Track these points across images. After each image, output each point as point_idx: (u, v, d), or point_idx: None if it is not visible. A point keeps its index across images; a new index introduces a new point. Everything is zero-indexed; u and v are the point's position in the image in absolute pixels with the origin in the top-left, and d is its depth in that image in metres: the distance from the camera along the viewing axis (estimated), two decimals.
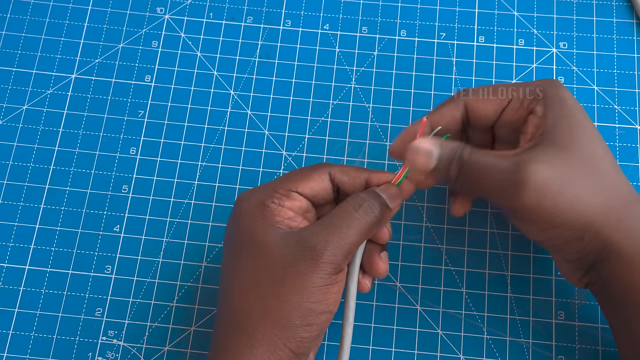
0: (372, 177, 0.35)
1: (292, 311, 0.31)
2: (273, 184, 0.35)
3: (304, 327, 0.32)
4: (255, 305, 0.32)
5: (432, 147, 0.34)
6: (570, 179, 0.32)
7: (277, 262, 0.32)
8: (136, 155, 0.45)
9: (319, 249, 0.32)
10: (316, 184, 0.35)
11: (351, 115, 0.45)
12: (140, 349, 0.41)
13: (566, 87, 0.36)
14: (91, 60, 0.47)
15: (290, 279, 0.31)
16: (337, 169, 0.35)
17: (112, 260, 0.42)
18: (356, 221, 0.33)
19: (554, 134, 0.33)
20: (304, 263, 0.31)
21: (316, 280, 0.31)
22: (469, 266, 0.42)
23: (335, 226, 0.32)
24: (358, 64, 0.47)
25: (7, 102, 0.46)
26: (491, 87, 0.36)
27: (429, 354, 0.40)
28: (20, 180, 0.44)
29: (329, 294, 0.32)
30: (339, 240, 0.32)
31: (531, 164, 0.32)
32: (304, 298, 0.31)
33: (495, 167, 0.33)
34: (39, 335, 0.41)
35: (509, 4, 0.48)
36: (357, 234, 0.33)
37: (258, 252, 0.32)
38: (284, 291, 0.31)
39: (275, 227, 0.33)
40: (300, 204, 0.34)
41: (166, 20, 0.48)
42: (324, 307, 0.32)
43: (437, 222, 0.43)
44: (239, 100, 0.46)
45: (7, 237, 0.43)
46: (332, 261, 0.32)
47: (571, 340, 0.40)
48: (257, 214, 0.33)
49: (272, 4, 0.48)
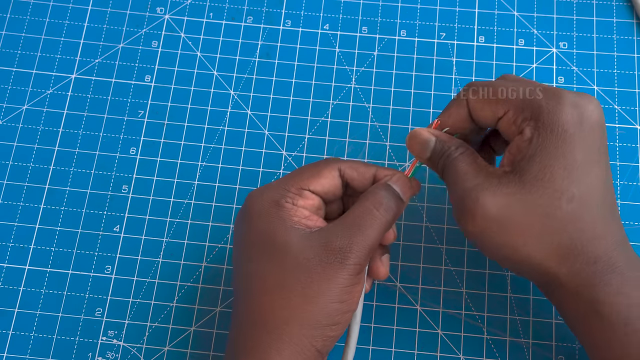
0: (380, 172, 0.35)
1: (319, 312, 0.31)
2: (284, 182, 0.34)
3: (331, 327, 0.32)
4: (282, 307, 0.32)
5: (430, 137, 0.35)
6: (520, 220, 0.32)
7: (303, 265, 0.32)
8: (136, 155, 0.45)
9: (344, 251, 0.32)
10: (327, 181, 0.35)
11: (351, 115, 0.45)
12: (140, 349, 0.41)
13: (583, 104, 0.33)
14: (91, 60, 0.47)
15: (317, 282, 0.31)
16: (346, 164, 0.35)
17: (112, 260, 0.42)
18: (378, 221, 0.33)
19: (528, 165, 0.32)
20: (330, 266, 0.31)
21: (342, 282, 0.32)
22: (469, 266, 0.42)
23: (358, 227, 0.32)
24: (358, 64, 0.47)
25: (7, 102, 0.46)
26: (492, 86, 0.35)
27: (429, 354, 0.40)
28: (20, 180, 0.44)
29: (353, 293, 0.32)
30: (363, 241, 0.32)
31: (488, 194, 0.32)
32: (331, 299, 0.31)
33: (461, 180, 0.33)
34: (39, 335, 0.41)
35: (509, 4, 0.48)
36: (379, 233, 0.33)
37: (281, 254, 0.32)
38: (311, 293, 0.31)
39: (295, 228, 0.33)
40: (313, 202, 0.34)
41: (166, 20, 0.48)
42: (348, 307, 0.32)
43: (437, 222, 0.43)
44: (239, 100, 0.46)
45: (7, 237, 0.43)
46: (357, 262, 0.32)
47: (571, 340, 0.40)
48: (272, 214, 0.33)
49: (272, 4, 0.48)
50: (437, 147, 0.35)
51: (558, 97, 0.33)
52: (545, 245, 0.32)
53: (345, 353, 0.35)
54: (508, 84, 0.35)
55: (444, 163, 0.34)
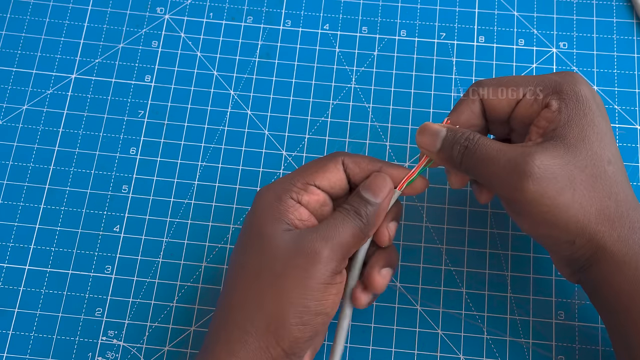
0: (385, 171, 0.35)
1: (289, 308, 0.31)
2: (291, 177, 0.35)
3: (299, 327, 0.32)
4: (253, 299, 0.32)
5: (440, 128, 0.35)
6: (573, 180, 0.32)
7: (280, 255, 0.32)
8: (136, 155, 0.45)
9: (318, 247, 0.32)
10: (332, 174, 0.35)
11: (351, 115, 0.45)
12: (140, 349, 0.41)
13: (587, 82, 0.35)
14: (91, 60, 0.47)
15: (291, 274, 0.32)
16: (350, 158, 0.35)
17: (112, 260, 0.42)
18: (350, 224, 0.33)
19: (565, 131, 0.33)
20: (305, 259, 0.32)
21: (316, 277, 0.32)
22: (469, 266, 0.42)
23: (333, 228, 0.33)
24: (358, 64, 0.47)
25: (7, 102, 0.46)
26: (504, 82, 0.36)
27: (429, 354, 0.40)
28: (20, 180, 0.44)
29: (327, 294, 0.32)
30: (337, 238, 0.32)
31: (538, 157, 0.32)
32: (302, 295, 0.31)
33: (501, 153, 0.33)
34: (39, 335, 0.41)
35: (509, 4, 0.48)
36: (352, 236, 0.33)
37: (265, 244, 0.33)
38: (284, 285, 0.32)
39: (285, 223, 0.33)
40: (318, 198, 0.35)
41: (166, 20, 0.48)
42: (321, 308, 0.32)
43: (437, 222, 0.43)
44: (239, 100, 0.46)
45: (7, 237, 0.43)
46: (332, 258, 0.32)
47: (571, 340, 0.40)
48: (271, 208, 0.34)
49: (272, 4, 0.48)
50: (449, 136, 0.35)
51: (569, 75, 0.35)
52: (595, 207, 0.32)
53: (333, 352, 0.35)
54: (521, 78, 0.36)
55: (463, 149, 0.34)
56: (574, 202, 0.32)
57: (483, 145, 0.34)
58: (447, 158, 0.35)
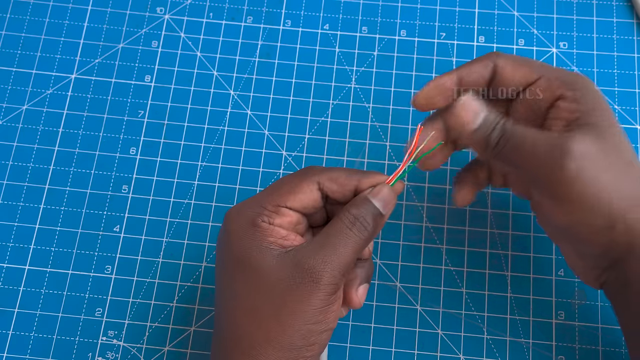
0: (363, 182, 0.34)
1: (294, 334, 0.31)
2: (260, 199, 0.33)
3: (307, 347, 0.31)
4: (257, 329, 0.31)
5: (480, 108, 0.34)
6: (611, 163, 0.32)
7: (276, 286, 0.31)
8: (136, 155, 0.45)
9: (317, 271, 0.31)
10: (305, 196, 0.33)
11: (351, 115, 0.45)
12: (140, 349, 0.41)
13: None
14: (91, 60, 0.47)
15: (290, 304, 0.31)
16: (325, 177, 0.34)
17: (112, 260, 0.42)
18: (352, 240, 0.32)
19: (592, 119, 0.32)
20: (304, 287, 0.31)
21: (316, 303, 0.31)
22: (469, 266, 0.42)
23: (332, 246, 0.32)
24: (358, 64, 0.47)
25: (7, 102, 0.46)
26: (523, 60, 0.35)
27: (429, 354, 0.40)
28: (20, 180, 0.44)
29: (329, 313, 0.32)
30: (336, 260, 0.31)
31: (577, 139, 0.31)
32: (305, 320, 0.31)
33: (538, 135, 0.32)
34: (39, 335, 0.41)
35: (509, 4, 0.48)
36: (353, 252, 0.32)
37: (255, 276, 0.32)
38: (285, 316, 0.31)
39: (269, 249, 0.32)
40: (291, 219, 0.33)
41: (166, 20, 0.48)
42: (325, 326, 0.32)
43: (437, 222, 0.43)
44: (239, 100, 0.46)
45: (7, 237, 0.43)
46: (332, 282, 0.31)
47: (571, 340, 0.40)
48: (248, 235, 0.32)
49: (272, 4, 0.48)
50: (490, 117, 0.34)
51: (575, 72, 0.35)
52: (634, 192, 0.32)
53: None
54: (541, 63, 0.36)
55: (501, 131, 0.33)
56: (615, 184, 0.31)
57: (520, 128, 0.33)
58: (481, 139, 0.34)
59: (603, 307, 0.41)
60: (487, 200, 0.43)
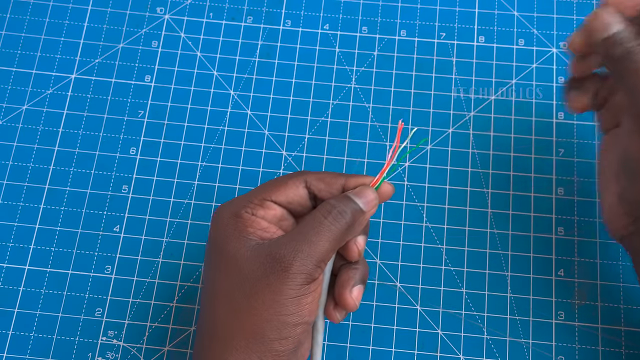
0: (350, 181, 0.34)
1: (265, 325, 0.31)
2: (249, 194, 0.34)
3: (279, 341, 0.31)
4: (232, 318, 0.31)
5: (616, 21, 0.34)
6: None
7: (248, 275, 0.31)
8: (136, 155, 0.45)
9: (287, 260, 0.31)
10: (291, 190, 0.34)
11: (351, 115, 0.45)
12: (140, 349, 0.41)
13: None
14: (91, 60, 0.47)
15: (261, 293, 0.31)
16: (313, 176, 0.35)
17: (112, 260, 0.42)
18: (325, 228, 0.32)
19: None
20: (274, 276, 0.31)
21: (287, 292, 0.31)
22: (469, 266, 0.42)
23: (304, 235, 0.32)
24: (358, 64, 0.47)
25: (7, 102, 0.46)
26: None
27: (429, 354, 0.40)
28: (20, 180, 0.44)
29: (302, 305, 0.31)
30: (307, 249, 0.31)
31: None
32: (277, 311, 0.31)
33: None
34: (39, 335, 0.41)
35: (509, 4, 0.48)
36: (327, 241, 0.32)
37: (231, 265, 0.32)
38: (256, 305, 0.31)
39: (247, 239, 0.32)
40: (275, 212, 0.34)
41: (166, 20, 0.48)
42: (299, 319, 0.31)
43: (437, 222, 0.43)
44: (239, 100, 0.46)
45: (7, 237, 0.43)
46: (303, 271, 0.31)
47: (571, 340, 0.40)
48: (229, 225, 0.33)
49: (272, 4, 0.48)
50: (625, 32, 0.33)
51: None
52: None
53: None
54: None
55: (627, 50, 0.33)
56: None
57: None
58: (606, 51, 0.34)
59: (603, 307, 0.41)
60: (487, 200, 0.43)
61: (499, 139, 0.45)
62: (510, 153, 0.44)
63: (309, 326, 0.33)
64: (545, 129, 0.45)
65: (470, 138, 0.45)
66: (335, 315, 0.35)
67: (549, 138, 0.44)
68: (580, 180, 0.44)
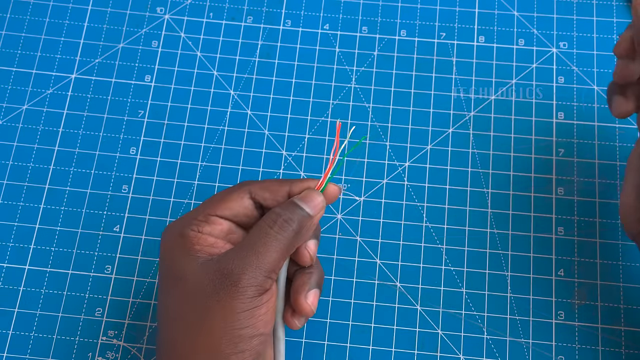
0: (294, 187, 0.34)
1: (219, 340, 0.30)
2: (194, 211, 0.34)
3: (236, 355, 0.31)
4: (184, 337, 0.31)
5: None
6: None
7: (198, 293, 0.31)
8: (136, 155, 0.45)
9: (236, 274, 0.31)
10: (235, 203, 0.34)
11: (351, 115, 0.45)
12: (140, 349, 0.41)
13: None
14: (91, 60, 0.47)
15: (213, 310, 0.31)
16: (257, 186, 0.34)
17: (112, 260, 0.42)
18: (272, 239, 0.32)
19: None
20: (224, 291, 0.31)
21: (239, 306, 0.30)
22: (469, 266, 0.42)
23: (251, 247, 0.31)
24: (358, 64, 0.47)
25: (7, 102, 0.46)
26: None
27: (429, 354, 0.40)
28: (20, 180, 0.44)
29: (256, 317, 0.31)
30: (256, 261, 0.31)
31: None
32: (230, 326, 0.30)
33: None
34: (39, 335, 0.41)
35: (509, 4, 0.48)
36: (275, 251, 0.32)
37: (180, 284, 0.32)
38: (209, 322, 0.31)
39: (194, 257, 0.32)
40: (222, 227, 0.33)
41: (166, 20, 0.48)
42: (253, 331, 0.31)
43: (437, 222, 0.43)
44: (239, 100, 0.46)
45: (7, 237, 0.43)
46: (253, 284, 0.31)
47: (571, 340, 0.40)
48: (176, 245, 0.32)
49: (272, 4, 0.48)
50: None
51: None
52: None
53: None
54: None
55: None
56: None
57: None
58: None
59: (603, 307, 0.41)
60: (487, 200, 0.43)
61: (499, 139, 0.45)
62: (510, 153, 0.44)
63: (267, 337, 0.32)
64: (545, 129, 0.45)
65: (470, 138, 0.45)
66: (293, 322, 0.34)
67: (549, 138, 0.44)
68: (580, 180, 0.44)
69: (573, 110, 0.45)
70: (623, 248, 0.42)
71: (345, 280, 0.42)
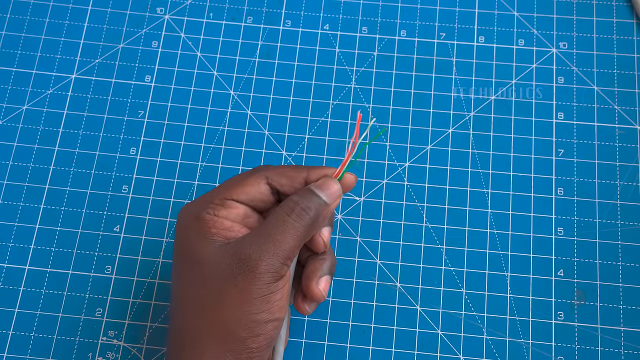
0: (312, 174, 0.34)
1: (236, 325, 0.31)
2: (210, 194, 0.34)
3: (252, 338, 0.31)
4: (200, 322, 0.31)
5: None
6: None
7: (215, 277, 0.31)
8: (136, 155, 0.45)
9: (254, 259, 0.31)
10: (252, 188, 0.34)
11: (351, 115, 0.45)
12: (140, 349, 0.41)
13: None
14: (91, 60, 0.47)
15: (230, 294, 0.31)
16: (274, 171, 0.34)
17: (112, 260, 0.42)
18: (290, 226, 0.32)
19: None
20: (241, 276, 0.31)
21: (256, 292, 0.31)
22: (468, 266, 0.42)
23: (268, 234, 0.31)
24: (358, 64, 0.47)
25: (7, 102, 0.46)
26: None
27: (429, 354, 0.40)
28: (20, 180, 0.44)
29: (271, 302, 0.31)
30: (273, 248, 0.31)
31: None
32: (247, 311, 0.31)
33: None
34: (39, 335, 0.41)
35: (509, 4, 0.48)
36: (292, 239, 0.32)
37: (197, 268, 0.32)
38: (225, 306, 0.31)
39: (211, 240, 0.32)
40: (238, 211, 0.33)
41: (166, 20, 0.48)
42: (269, 316, 0.31)
43: (437, 222, 0.43)
44: (239, 100, 0.46)
45: (7, 237, 0.43)
46: (270, 270, 0.31)
47: (571, 340, 0.40)
48: (193, 228, 0.33)
49: (272, 4, 0.48)
50: None
51: None
52: None
53: None
54: None
55: None
56: None
57: None
58: None
59: (603, 307, 0.41)
60: (487, 200, 0.43)
61: (499, 139, 0.45)
62: (510, 153, 0.44)
63: (281, 322, 0.32)
64: (545, 129, 0.45)
65: (470, 138, 0.45)
66: (304, 307, 0.35)
67: (549, 138, 0.44)
68: (580, 180, 0.44)
69: (573, 110, 0.45)
70: (623, 248, 0.42)
71: (345, 281, 0.42)
